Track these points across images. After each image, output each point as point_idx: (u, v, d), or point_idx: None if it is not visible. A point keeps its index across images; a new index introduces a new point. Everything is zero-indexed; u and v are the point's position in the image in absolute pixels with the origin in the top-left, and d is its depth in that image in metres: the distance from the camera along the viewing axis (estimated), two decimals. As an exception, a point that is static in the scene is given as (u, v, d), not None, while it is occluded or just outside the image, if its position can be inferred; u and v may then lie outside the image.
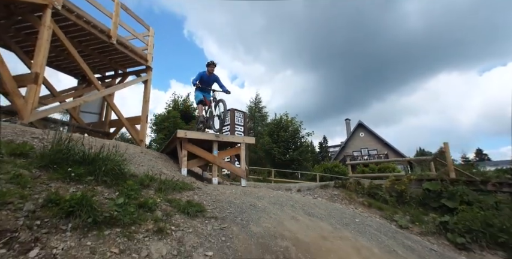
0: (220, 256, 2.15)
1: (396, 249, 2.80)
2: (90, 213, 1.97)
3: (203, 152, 5.18)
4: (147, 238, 2.09)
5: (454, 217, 3.80)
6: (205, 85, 5.76)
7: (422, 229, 3.91)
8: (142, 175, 3.26)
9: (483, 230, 3.43)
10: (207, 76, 5.75)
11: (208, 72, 5.73)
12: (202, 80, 5.74)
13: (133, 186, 2.71)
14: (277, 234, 2.75)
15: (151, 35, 7.67)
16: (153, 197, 2.77)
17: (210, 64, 5.75)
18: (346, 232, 3.05)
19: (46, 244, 1.61)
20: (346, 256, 2.54)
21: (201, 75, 5.73)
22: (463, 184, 4.48)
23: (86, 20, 5.69)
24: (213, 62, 5.79)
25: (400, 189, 4.91)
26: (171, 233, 2.27)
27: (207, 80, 5.77)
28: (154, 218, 2.37)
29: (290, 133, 20.38)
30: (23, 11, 4.96)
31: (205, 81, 5.77)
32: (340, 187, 5.50)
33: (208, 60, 5.85)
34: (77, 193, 2.05)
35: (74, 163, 2.55)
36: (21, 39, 5.78)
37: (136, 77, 7.54)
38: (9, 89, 4.22)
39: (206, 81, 5.78)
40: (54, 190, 2.08)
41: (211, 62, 5.79)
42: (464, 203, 4.04)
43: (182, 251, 2.10)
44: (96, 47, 6.68)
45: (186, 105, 23.87)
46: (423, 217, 4.19)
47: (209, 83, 5.86)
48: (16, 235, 1.56)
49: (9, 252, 1.46)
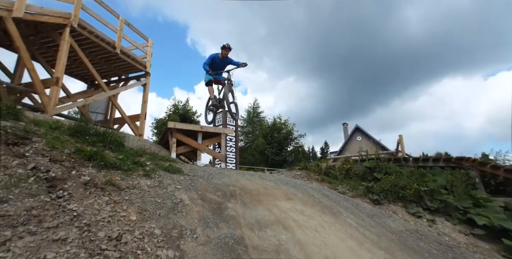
0: (185, 189, 3.32)
1: (315, 195, 3.94)
2: (102, 159, 3.15)
3: (190, 140, 6.38)
4: (138, 177, 3.26)
5: (376, 183, 4.92)
6: (216, 69, 5.28)
7: (354, 193, 5.03)
8: (137, 148, 4.46)
9: (391, 189, 4.54)
10: (220, 59, 5.24)
11: (221, 55, 5.19)
12: (214, 63, 5.24)
13: (130, 152, 3.91)
14: (230, 184, 3.91)
15: (149, 46, 9.01)
16: (144, 160, 3.96)
17: (225, 47, 5.10)
18: (284, 187, 4.19)
19: (79, 170, 2.78)
20: (276, 196, 3.69)
21: (212, 57, 5.21)
22: (390, 161, 5.61)
23: (96, 34, 7.02)
24: (228, 45, 5.10)
25: (347, 167, 6.04)
26: (154, 177, 3.44)
27: (219, 63, 5.28)
28: (143, 169, 3.54)
29: (283, 135, 21.57)
30: (47, 29, 6.28)
31: (217, 65, 5.27)
32: (304, 169, 6.65)
33: (224, 43, 5.08)
34: (94, 149, 3.25)
35: (89, 135, 3.76)
36: (44, 51, 7.12)
37: (137, 81, 8.85)
38: (38, 89, 5.49)
39: (218, 64, 5.28)
40: (79, 146, 3.28)
41: (227, 44, 5.09)
42: (387, 174, 5.14)
43: (161, 185, 3.27)
44: (103, 56, 7.99)
45: (186, 109, 25.23)
46: (358, 186, 5.31)
47: (221, 67, 5.39)
48: (63, 164, 2.74)
49: (61, 170, 2.65)
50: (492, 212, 3.78)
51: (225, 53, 5.18)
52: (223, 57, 5.21)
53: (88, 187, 2.48)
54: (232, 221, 2.80)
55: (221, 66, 5.31)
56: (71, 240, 1.73)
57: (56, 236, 1.70)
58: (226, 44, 5.06)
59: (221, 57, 5.21)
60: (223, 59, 5.23)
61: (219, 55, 5.21)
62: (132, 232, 2.13)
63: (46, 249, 1.57)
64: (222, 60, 5.24)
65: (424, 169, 5.40)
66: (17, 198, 1.85)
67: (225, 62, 5.30)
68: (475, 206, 4.00)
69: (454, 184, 4.51)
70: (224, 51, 5.17)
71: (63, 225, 1.85)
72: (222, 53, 5.19)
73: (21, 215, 1.72)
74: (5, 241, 1.48)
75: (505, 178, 5.02)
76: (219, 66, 5.28)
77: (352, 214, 3.58)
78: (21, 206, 1.79)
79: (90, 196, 2.35)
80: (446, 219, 4.02)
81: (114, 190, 2.65)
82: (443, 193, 4.24)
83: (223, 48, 5.12)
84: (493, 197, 4.46)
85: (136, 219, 2.32)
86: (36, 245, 1.57)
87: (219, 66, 5.28)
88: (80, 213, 2.06)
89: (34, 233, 1.64)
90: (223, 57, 5.20)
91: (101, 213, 2.19)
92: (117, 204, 2.43)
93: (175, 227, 2.42)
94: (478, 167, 5.15)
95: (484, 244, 3.51)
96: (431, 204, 4.19)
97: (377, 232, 3.19)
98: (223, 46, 5.08)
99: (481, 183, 4.93)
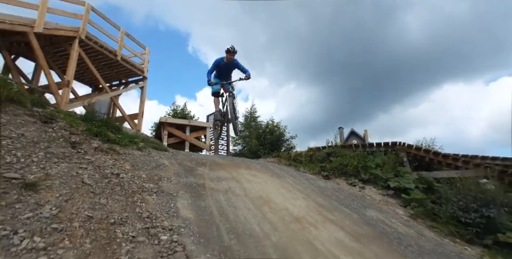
0: (167, 158, 4.46)
1: (271, 167, 5.07)
2: (105, 136, 4.31)
3: (179, 132, 7.56)
4: (132, 149, 4.40)
5: (328, 164, 6.04)
6: (223, 74, 5.02)
7: (312, 172, 6.15)
8: (133, 134, 5.63)
9: (337, 167, 5.67)
10: (225, 63, 4.91)
11: (226, 59, 4.89)
12: (219, 67, 4.96)
13: (126, 134, 5.07)
14: (205, 159, 5.04)
15: (146, 53, 10.27)
16: (138, 141, 5.11)
17: (229, 50, 4.77)
18: (248, 163, 5.32)
19: (89, 140, 3.92)
20: (239, 166, 4.82)
21: (217, 62, 4.92)
22: (339, 148, 6.78)
23: (100, 44, 8.26)
24: (233, 48, 4.78)
25: (310, 154, 7.17)
26: (145, 151, 4.58)
27: (225, 67, 4.97)
28: (137, 146, 4.68)
29: (275, 136, 22.71)
30: (60, 41, 7.53)
31: (223, 69, 4.98)
32: (276, 157, 7.79)
33: (228, 46, 4.79)
34: (99, 129, 4.41)
35: (96, 121, 4.93)
36: (56, 59, 8.36)
37: (135, 84, 10.08)
38: (53, 90, 6.70)
39: (224, 69, 4.98)
40: (89, 126, 4.45)
41: (232, 47, 4.77)
42: (338, 157, 6.26)
43: (149, 155, 4.40)
44: (106, 63, 9.23)
45: (184, 114, 26.55)
46: (316, 167, 6.44)
47: (228, 71, 5.07)
48: (79, 135, 3.89)
49: (79, 138, 3.80)
50: (405, 180, 4.87)
51: (230, 56, 4.84)
52: (228, 61, 4.90)
53: (97, 150, 3.62)
54: (198, 176, 3.94)
55: (227, 70, 5.04)
56: (89, 169, 2.88)
57: (80, 166, 2.85)
58: (231, 46, 4.76)
59: (226, 61, 4.91)
60: (228, 63, 4.93)
61: (224, 59, 4.91)
62: (127, 173, 3.27)
63: (74, 170, 2.71)
64: (227, 64, 4.95)
65: (370, 153, 6.54)
66: (56, 147, 3.00)
67: (230, 65, 4.99)
68: (396, 176, 5.10)
69: (386, 162, 5.63)
70: (229, 55, 4.83)
71: (83, 164, 2.99)
72: (226, 57, 4.88)
73: (59, 154, 2.87)
74: (55, 163, 2.64)
75: (430, 159, 6.14)
76: (225, 70, 5.02)
77: (294, 178, 4.69)
78: (59, 150, 2.95)
79: (99, 154, 3.49)
80: (373, 186, 5.13)
81: (115, 153, 3.80)
82: (373, 168, 5.35)
83: (228, 51, 4.80)
84: (416, 171, 5.56)
85: (129, 168, 3.47)
86: (68, 169, 2.71)
87: (225, 70, 5.01)
88: (93, 160, 3.20)
89: (68, 163, 2.79)
90: (228, 60, 4.89)
91: (106, 163, 3.33)
92: (117, 160, 3.58)
93: (157, 175, 3.56)
94: (406, 150, 6.29)
95: (392, 200, 4.60)
96: (364, 176, 5.31)
97: (306, 186, 4.30)
98: (228, 49, 4.77)
99: (408, 161, 6.05)
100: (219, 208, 3.01)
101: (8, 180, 2.00)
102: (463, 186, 4.02)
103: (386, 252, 2.69)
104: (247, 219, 2.89)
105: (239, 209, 3.10)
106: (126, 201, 2.58)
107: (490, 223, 3.48)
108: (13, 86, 3.76)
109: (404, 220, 3.79)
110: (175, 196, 3.08)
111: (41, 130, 3.25)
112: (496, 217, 3.45)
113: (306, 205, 3.53)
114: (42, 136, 3.10)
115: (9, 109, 3.37)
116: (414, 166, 6.21)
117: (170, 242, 2.16)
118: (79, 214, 2.01)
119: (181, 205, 2.88)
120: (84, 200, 2.23)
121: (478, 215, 3.56)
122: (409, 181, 4.73)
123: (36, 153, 2.62)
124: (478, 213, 3.58)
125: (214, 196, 3.33)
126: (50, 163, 2.58)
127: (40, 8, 6.36)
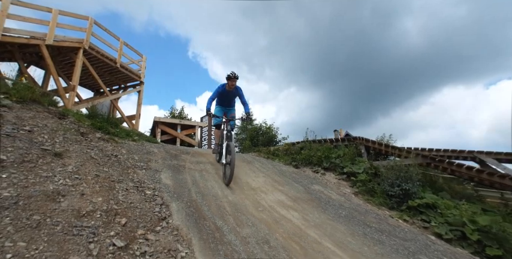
0: (157, 147, 5.45)
1: (245, 157, 6.06)
2: (106, 129, 5.30)
3: (171, 130, 8.55)
4: (128, 141, 5.38)
5: (298, 156, 7.04)
6: (225, 100, 4.94)
7: (284, 163, 7.14)
8: (129, 129, 6.62)
9: (305, 158, 6.67)
10: (227, 91, 4.79)
11: (228, 86, 4.74)
12: (221, 94, 4.84)
13: (123, 129, 6.07)
14: (190, 150, 6.03)
15: (143, 60, 11.34)
16: (133, 135, 6.11)
17: (230, 77, 4.66)
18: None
19: (94, 133, 4.91)
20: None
21: (219, 91, 4.77)
22: (310, 143, 7.79)
23: (102, 53, 9.32)
24: (234, 74, 4.65)
25: (286, 148, 8.16)
26: (139, 142, 5.57)
27: (226, 94, 4.86)
28: (132, 138, 5.68)
29: (267, 137, 23.75)
30: (66, 51, 8.58)
31: (225, 96, 4.87)
32: (257, 151, 8.78)
33: (229, 72, 4.68)
34: (101, 124, 5.41)
35: (99, 118, 5.94)
36: (63, 67, 9.42)
37: (133, 88, 11.12)
38: (61, 93, 7.72)
39: (226, 96, 4.87)
40: (93, 122, 5.45)
41: (232, 74, 4.66)
42: (308, 150, 7.24)
43: (142, 145, 5.39)
44: (107, 70, 10.28)
45: (181, 116, 27.68)
46: (289, 159, 7.42)
47: (230, 99, 4.98)
48: (86, 128, 4.88)
49: (86, 130, 4.79)
50: (357, 166, 5.84)
51: (232, 83, 4.69)
52: (230, 88, 4.74)
53: (100, 139, 4.62)
54: (181, 160, 4.93)
55: (229, 98, 4.93)
56: (95, 150, 3.88)
57: (88, 148, 3.84)
58: (231, 73, 4.65)
59: (228, 88, 4.75)
60: (231, 91, 4.79)
61: (226, 86, 4.76)
62: (123, 155, 4.26)
63: (85, 149, 3.71)
64: (229, 92, 4.81)
65: (336, 147, 7.55)
66: (70, 134, 4.00)
67: (232, 93, 4.86)
68: (352, 164, 6.06)
69: (346, 153, 6.60)
70: (230, 81, 4.68)
71: (90, 147, 3.98)
72: (228, 84, 4.72)
73: (73, 139, 3.87)
74: (71, 144, 3.64)
75: (385, 151, 7.15)
76: (227, 98, 4.90)
77: (261, 163, 5.68)
78: (72, 137, 3.95)
79: (101, 142, 4.49)
80: (332, 173, 6.09)
81: (114, 142, 4.80)
82: (334, 158, 6.33)
83: (229, 78, 4.66)
84: (372, 161, 6.55)
85: (125, 152, 4.46)
86: (80, 148, 3.71)
87: (227, 98, 4.89)
88: (97, 145, 4.20)
89: (79, 145, 3.79)
90: (230, 88, 4.74)
91: (107, 148, 4.32)
92: (115, 146, 4.58)
93: (147, 158, 4.55)
94: (365, 143, 7.30)
95: (344, 182, 5.57)
96: (326, 164, 6.28)
97: (269, 169, 5.28)
98: (229, 76, 4.65)
99: (366, 153, 7.03)
100: (193, 180, 4.00)
101: (44, 150, 3.00)
102: (395, 169, 5.01)
103: (312, 207, 3.67)
104: (213, 187, 3.88)
105: (208, 181, 4.08)
106: (122, 171, 3.57)
107: (407, 194, 4.46)
108: (35, 90, 4.76)
109: (343, 194, 4.77)
110: (159, 171, 4.07)
111: (58, 123, 4.26)
112: (410, 189, 4.43)
113: (263, 181, 4.52)
114: (59, 127, 4.10)
115: (33, 107, 4.38)
116: (373, 157, 7.19)
117: (153, 195, 3.15)
118: (90, 173, 3.01)
119: (164, 177, 3.87)
120: (92, 167, 3.23)
121: (399, 189, 4.54)
122: (359, 168, 5.71)
123: (57, 137, 3.62)
124: (399, 187, 4.56)
125: (191, 173, 4.32)
126: (67, 144, 3.58)
127: (51, 24, 7.42)
